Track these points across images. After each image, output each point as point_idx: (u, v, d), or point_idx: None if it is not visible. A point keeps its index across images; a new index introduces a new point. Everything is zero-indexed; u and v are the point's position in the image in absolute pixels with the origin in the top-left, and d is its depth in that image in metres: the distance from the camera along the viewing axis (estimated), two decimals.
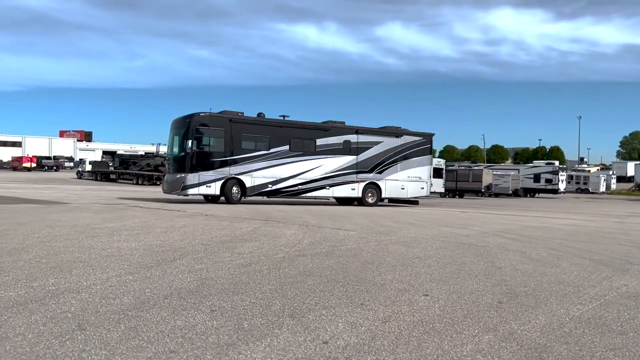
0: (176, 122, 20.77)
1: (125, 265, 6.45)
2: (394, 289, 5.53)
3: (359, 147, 23.03)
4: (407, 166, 24.39)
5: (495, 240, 10.08)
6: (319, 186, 22.08)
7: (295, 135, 21.79)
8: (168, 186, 20.52)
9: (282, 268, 6.51)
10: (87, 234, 9.25)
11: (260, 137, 21.10)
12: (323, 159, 22.18)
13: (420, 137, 25.14)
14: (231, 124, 20.24)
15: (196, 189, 19.50)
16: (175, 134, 20.68)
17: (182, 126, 20.12)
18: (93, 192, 27.26)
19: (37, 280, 5.45)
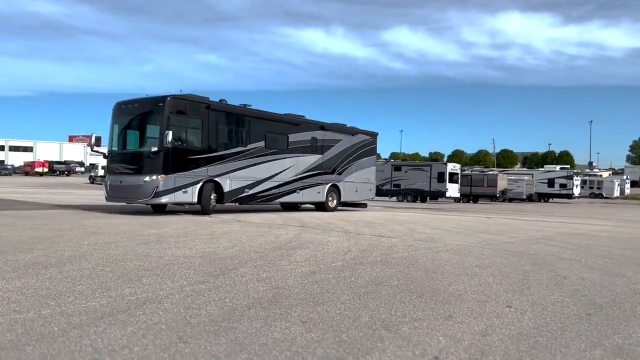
0: (138, 106, 16.17)
1: (191, 273, 6.40)
2: (472, 300, 5.45)
3: (323, 145, 20.91)
4: (359, 167, 23.00)
5: (542, 248, 9.97)
6: (291, 189, 19.44)
7: (270, 129, 18.64)
8: (128, 192, 15.56)
9: (348, 277, 6.44)
10: (135, 240, 9.21)
11: (238, 131, 17.61)
12: (295, 158, 19.53)
13: (369, 135, 23.69)
14: (209, 112, 16.49)
15: (171, 195, 15.27)
16: (139, 121, 16.28)
17: (152, 111, 15.83)
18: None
19: (113, 290, 5.41)
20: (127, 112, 16.37)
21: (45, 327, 4.14)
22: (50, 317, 4.41)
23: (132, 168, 15.78)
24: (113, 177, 16.14)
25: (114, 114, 16.62)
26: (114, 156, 16.47)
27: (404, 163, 49.76)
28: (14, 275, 5.99)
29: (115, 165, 16.28)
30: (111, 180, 16.17)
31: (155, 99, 15.76)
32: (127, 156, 16.21)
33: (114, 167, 16.30)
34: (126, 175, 15.71)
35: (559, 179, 51.93)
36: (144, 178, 15.21)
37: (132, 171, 15.72)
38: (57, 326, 4.18)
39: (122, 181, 15.70)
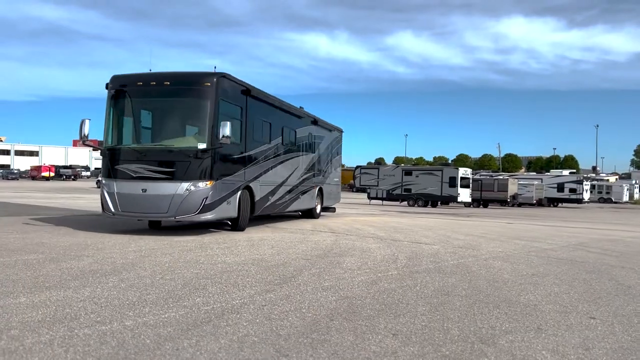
0: (170, 84, 11.53)
1: (253, 281, 6.30)
2: (552, 311, 5.35)
3: (315, 142, 17.95)
4: (335, 166, 20.57)
5: (586, 255, 9.85)
6: (296, 195, 16.24)
7: (286, 122, 15.34)
8: (156, 205, 10.94)
9: (412, 287, 6.33)
10: (178, 247, 9.11)
11: (265, 124, 13.85)
12: (299, 157, 16.39)
13: (339, 132, 21.00)
14: (247, 99, 12.68)
15: (218, 209, 11.23)
16: (170, 105, 11.71)
17: (194, 93, 11.49)
18: None
19: (184, 300, 5.30)
20: (148, 92, 11.46)
21: (136, 339, 4.04)
22: (136, 329, 4.31)
23: (163, 172, 10.85)
24: (126, 184, 11.03)
25: (116, 93, 11.55)
26: (126, 153, 11.30)
27: (415, 168, 49.54)
28: (77, 284, 5.89)
29: (130, 166, 11.07)
30: (123, 187, 11.05)
31: (198, 76, 11.42)
32: (153, 154, 11.12)
33: (126, 170, 11.09)
34: (152, 182, 10.82)
35: (569, 184, 51.72)
36: (186, 186, 10.73)
37: (163, 176, 10.84)
38: (148, 338, 4.08)
39: (147, 189, 10.83)
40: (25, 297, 5.22)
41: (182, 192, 10.78)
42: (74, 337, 4.06)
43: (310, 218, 17.78)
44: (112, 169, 11.30)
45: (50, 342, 3.93)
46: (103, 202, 11.40)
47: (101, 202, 11.49)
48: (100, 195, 11.62)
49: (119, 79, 11.74)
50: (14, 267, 6.84)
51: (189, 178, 10.84)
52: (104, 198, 11.36)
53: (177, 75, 11.64)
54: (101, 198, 11.47)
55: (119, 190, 11.09)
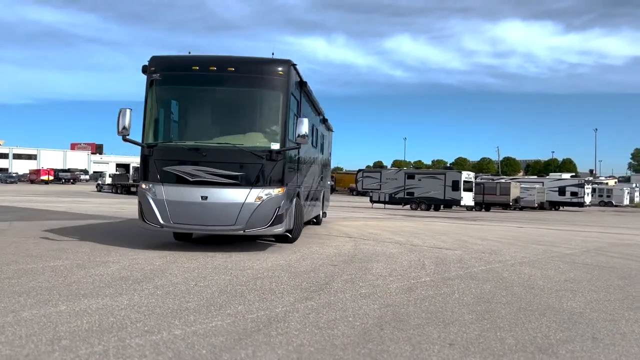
0: (235, 70, 9.49)
1: (288, 288, 6.21)
2: (600, 319, 5.29)
3: (324, 142, 16.27)
4: (329, 168, 19.04)
5: (610, 260, 9.79)
6: (315, 201, 14.70)
7: (315, 120, 13.49)
8: (220, 216, 9.09)
9: (451, 294, 6.26)
10: (201, 252, 9.01)
11: (310, 122, 10.54)
12: (318, 159, 14.94)
13: (332, 131, 18.93)
14: (301, 93, 10.69)
15: (286, 221, 9.51)
16: (233, 96, 9.81)
17: (263, 83, 9.57)
18: (129, 206, 26.89)
19: (226, 307, 5.22)
20: (205, 79, 9.47)
21: (192, 350, 3.96)
22: (188, 339, 4.23)
23: (229, 176, 9.05)
24: (180, 191, 9.07)
25: (162, 79, 9.42)
26: (179, 153, 9.29)
27: (418, 171, 49.51)
28: (112, 292, 5.79)
29: (185, 168, 9.08)
30: (175, 194, 9.07)
31: (269, 63, 9.52)
32: (216, 155, 9.14)
33: (180, 172, 9.09)
34: (215, 187, 9.02)
35: (570, 187, 51.72)
36: (257, 193, 9.01)
37: (229, 180, 9.06)
38: (204, 349, 4.00)
39: (208, 197, 8.97)
40: (64, 306, 5.13)
41: (253, 201, 9.01)
42: (127, 347, 3.97)
43: (315, 225, 16.03)
44: (159, 171, 9.15)
45: (104, 352, 3.84)
46: (145, 211, 9.19)
47: (140, 211, 9.30)
48: (138, 202, 9.38)
49: (165, 61, 9.61)
50: (43, 273, 6.74)
51: (260, 184, 9.06)
52: (146, 206, 9.17)
53: (243, 60, 9.57)
54: (141, 206, 9.29)
55: (170, 197, 9.01)
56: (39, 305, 5.10)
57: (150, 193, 9.18)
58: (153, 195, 9.14)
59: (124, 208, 24.42)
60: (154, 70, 9.42)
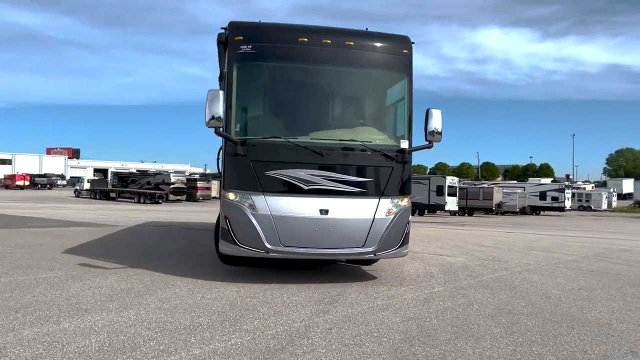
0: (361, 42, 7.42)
1: (301, 300, 5.93)
2: (630, 330, 5.14)
3: None
4: None
5: (614, 267, 9.72)
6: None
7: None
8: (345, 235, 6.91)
9: (468, 305, 6.07)
10: (198, 259, 8.65)
11: None
12: None
13: None
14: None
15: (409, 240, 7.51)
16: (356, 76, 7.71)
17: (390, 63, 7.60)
18: (111, 212, 26.31)
19: (241, 322, 4.93)
20: (314, 56, 7.24)
21: None
22: (209, 359, 3.91)
23: (355, 183, 7.02)
24: (291, 203, 6.87)
25: (254, 52, 7.05)
26: (288, 152, 6.93)
27: None
28: (116, 306, 5.44)
29: (298, 173, 6.88)
30: (285, 207, 6.84)
31: (392, 40, 7.57)
32: (337, 156, 7.05)
33: (290, 178, 6.88)
34: (337, 198, 6.95)
35: (551, 192, 52.32)
36: (387, 205, 7.07)
37: (354, 189, 7.01)
38: None
39: (329, 210, 6.85)
40: (67, 322, 4.77)
41: (384, 215, 6.98)
42: None
43: None
44: (260, 177, 6.78)
45: None
46: (238, 230, 6.74)
47: (229, 230, 6.78)
48: (224, 219, 6.86)
49: (260, 30, 7.28)
50: (37, 286, 6.35)
51: (388, 193, 7.07)
52: (242, 224, 6.73)
53: (363, 34, 7.56)
54: (229, 224, 6.78)
55: (277, 212, 6.73)
56: (39, 323, 4.74)
57: (247, 206, 6.72)
58: (252, 209, 6.70)
59: (105, 214, 23.82)
60: (242, 41, 6.96)
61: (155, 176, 50.96)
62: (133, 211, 27.67)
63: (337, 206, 6.86)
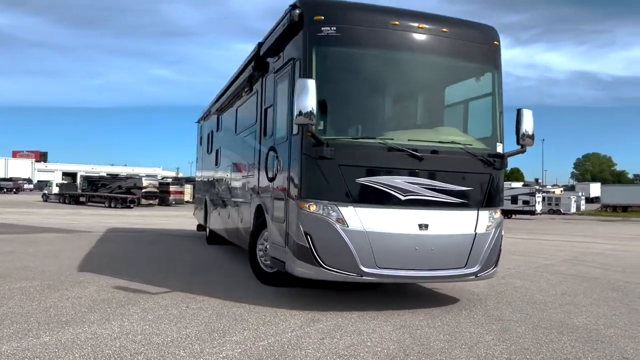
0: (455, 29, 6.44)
1: (289, 308, 5.81)
2: (619, 336, 5.20)
3: None
4: None
5: (593, 271, 9.88)
6: None
7: None
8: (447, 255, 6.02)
9: (457, 312, 6.02)
10: (181, 266, 8.44)
11: None
12: None
13: None
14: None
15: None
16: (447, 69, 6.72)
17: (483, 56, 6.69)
18: (81, 217, 25.63)
19: (230, 333, 4.78)
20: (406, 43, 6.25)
21: None
22: None
23: (455, 192, 6.14)
24: (386, 216, 5.88)
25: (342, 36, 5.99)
26: (382, 156, 5.90)
27: None
28: (98, 317, 5.24)
29: (393, 180, 5.90)
30: (380, 222, 5.85)
31: (484, 30, 6.79)
32: (437, 160, 6.09)
33: (385, 186, 5.87)
34: (437, 209, 6.07)
35: (522, 196, 53.26)
36: (487, 217, 6.28)
37: (455, 199, 6.14)
38: None
39: (428, 225, 5.96)
40: (48, 336, 4.56)
41: (485, 230, 6.18)
42: None
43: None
44: (349, 185, 5.76)
45: None
46: (322, 249, 5.69)
47: (312, 250, 5.68)
48: (304, 235, 5.72)
49: (343, 9, 6.23)
50: (12, 297, 6.08)
51: (487, 204, 6.27)
52: (329, 241, 5.71)
53: (457, 21, 6.64)
54: (311, 241, 5.70)
55: (371, 228, 5.73)
56: (18, 337, 4.52)
57: (335, 220, 5.69)
58: (341, 224, 5.68)
59: (76, 219, 23.23)
60: (323, 21, 5.90)
61: (126, 180, 50.04)
62: (104, 216, 27.07)
63: (438, 220, 5.94)
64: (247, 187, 8.40)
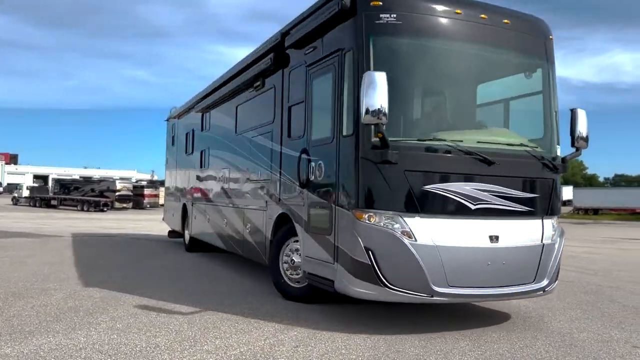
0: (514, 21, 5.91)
1: (262, 316, 5.70)
2: (592, 340, 5.21)
3: None
4: None
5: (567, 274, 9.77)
6: None
7: None
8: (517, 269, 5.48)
9: (435, 314, 5.98)
10: (155, 273, 8.25)
11: None
12: None
13: None
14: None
15: None
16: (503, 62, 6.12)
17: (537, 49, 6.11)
18: (53, 221, 25.04)
19: (201, 342, 4.65)
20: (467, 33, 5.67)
21: None
22: None
23: (523, 200, 5.61)
24: (453, 228, 5.26)
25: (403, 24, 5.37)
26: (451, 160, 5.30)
27: None
28: (64, 327, 5.06)
29: (464, 187, 5.30)
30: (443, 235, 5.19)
31: (537, 22, 6.25)
32: (507, 165, 5.52)
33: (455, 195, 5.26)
34: (507, 219, 5.54)
35: None
36: (551, 226, 5.86)
37: (523, 208, 5.60)
38: None
39: (499, 237, 5.38)
40: (9, 347, 4.37)
41: (550, 240, 5.75)
42: None
43: None
44: (416, 193, 5.13)
45: None
46: (387, 267, 5.01)
47: (374, 267, 5.00)
48: (365, 251, 5.02)
49: None
50: None
51: (551, 212, 5.85)
52: (395, 258, 5.03)
53: (514, 13, 6.06)
54: (374, 259, 5.01)
55: (441, 241, 5.13)
56: None
57: (401, 233, 5.03)
58: (409, 237, 5.02)
59: (47, 223, 22.70)
60: (381, 8, 5.30)
61: (99, 183, 49.34)
62: (76, 220, 26.53)
63: (507, 231, 5.41)
64: (259, 193, 7.73)
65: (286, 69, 6.98)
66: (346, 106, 5.31)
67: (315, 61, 6.10)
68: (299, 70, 6.55)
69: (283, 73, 7.07)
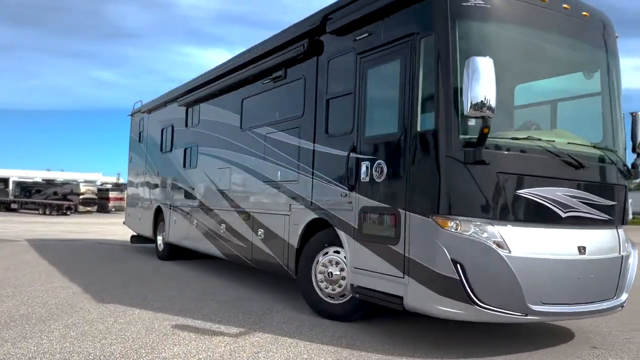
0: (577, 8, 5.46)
1: (223, 321, 5.57)
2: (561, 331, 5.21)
3: None
4: None
5: None
6: None
7: None
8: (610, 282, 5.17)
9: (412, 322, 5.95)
10: (112, 278, 8.01)
11: None
12: None
13: None
14: None
15: None
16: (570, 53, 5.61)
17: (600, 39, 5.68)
18: (12, 225, 24.22)
19: (159, 350, 4.52)
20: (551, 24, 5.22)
21: None
22: None
23: (603, 207, 5.18)
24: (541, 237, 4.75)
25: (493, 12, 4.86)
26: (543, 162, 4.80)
27: None
28: (13, 335, 4.83)
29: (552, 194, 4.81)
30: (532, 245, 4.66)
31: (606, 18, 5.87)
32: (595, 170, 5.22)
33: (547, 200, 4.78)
34: (591, 229, 5.13)
35: None
36: (624, 238, 5.48)
37: (606, 216, 5.22)
38: None
39: (586, 247, 4.92)
40: None
41: (626, 251, 5.37)
42: None
43: None
44: (507, 198, 4.64)
45: None
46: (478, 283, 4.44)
47: (464, 283, 4.41)
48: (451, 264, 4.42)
49: None
50: None
51: (625, 221, 5.52)
52: (489, 273, 4.48)
53: (588, 6, 5.63)
54: (464, 274, 4.41)
55: (534, 253, 4.62)
56: None
57: (494, 244, 4.47)
58: (502, 248, 4.47)
59: (5, 227, 21.94)
60: None
61: (62, 186, 48.00)
62: (37, 224, 25.74)
63: (592, 241, 4.98)
64: (278, 195, 6.97)
65: (321, 57, 6.35)
66: (422, 98, 4.78)
67: (373, 48, 5.49)
68: (344, 58, 5.93)
69: (318, 61, 6.40)
